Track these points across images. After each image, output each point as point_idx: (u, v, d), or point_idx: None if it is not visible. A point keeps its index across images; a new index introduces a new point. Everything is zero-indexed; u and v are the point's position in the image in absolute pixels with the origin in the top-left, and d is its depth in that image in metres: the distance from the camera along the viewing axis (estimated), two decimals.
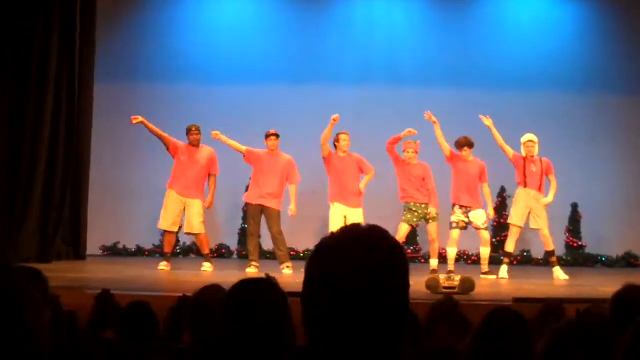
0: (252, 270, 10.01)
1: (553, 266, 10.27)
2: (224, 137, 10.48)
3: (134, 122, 10.48)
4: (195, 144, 10.45)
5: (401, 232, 10.22)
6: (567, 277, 10.02)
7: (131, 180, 12.86)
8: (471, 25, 13.18)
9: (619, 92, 12.94)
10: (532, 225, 10.37)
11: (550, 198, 10.35)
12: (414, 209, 10.33)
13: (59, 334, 3.67)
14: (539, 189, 10.30)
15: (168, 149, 10.55)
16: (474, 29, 13.16)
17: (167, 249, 10.56)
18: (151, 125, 10.51)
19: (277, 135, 10.46)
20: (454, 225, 10.34)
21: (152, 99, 13.00)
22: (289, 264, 10.23)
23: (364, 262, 1.42)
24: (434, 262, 10.33)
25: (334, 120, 10.21)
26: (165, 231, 10.58)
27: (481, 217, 10.33)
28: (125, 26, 13.06)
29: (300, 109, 12.83)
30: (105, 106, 12.41)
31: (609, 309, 3.53)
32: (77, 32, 11.46)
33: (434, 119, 10.36)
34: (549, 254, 10.40)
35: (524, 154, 10.31)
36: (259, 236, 10.85)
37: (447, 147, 10.38)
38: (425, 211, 10.34)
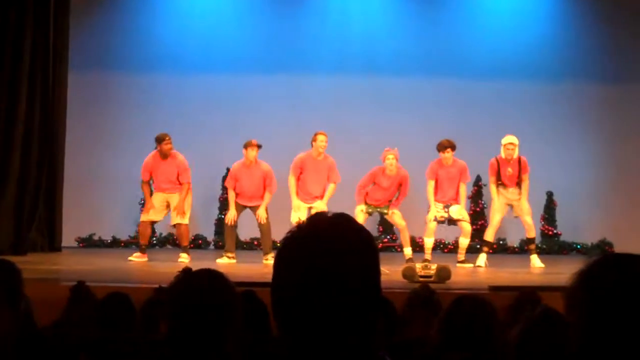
0: (226, 261, 10.06)
1: (531, 253, 10.33)
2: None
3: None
4: (167, 154, 10.28)
5: (359, 219, 10.12)
6: (542, 265, 10.09)
7: (106, 170, 12.78)
8: (447, 15, 13.19)
9: (593, 80, 13.02)
10: (516, 214, 10.42)
11: (524, 201, 10.34)
12: (372, 205, 10.34)
13: (30, 326, 3.64)
14: (516, 186, 10.33)
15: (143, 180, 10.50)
16: (450, 18, 13.18)
17: (142, 240, 10.48)
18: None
19: (259, 146, 10.37)
20: (432, 219, 10.31)
21: (127, 88, 12.92)
22: (273, 254, 10.26)
23: (331, 250, 1.42)
24: (408, 251, 10.32)
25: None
26: (142, 221, 10.50)
27: (461, 211, 10.35)
28: (99, 15, 12.95)
29: (276, 98, 12.80)
30: (80, 96, 12.32)
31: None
32: (51, 21, 11.35)
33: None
34: (529, 241, 10.45)
35: (502, 156, 10.22)
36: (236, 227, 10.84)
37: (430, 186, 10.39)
38: (383, 210, 10.36)
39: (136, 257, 10.21)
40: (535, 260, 10.18)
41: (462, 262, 10.29)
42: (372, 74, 12.87)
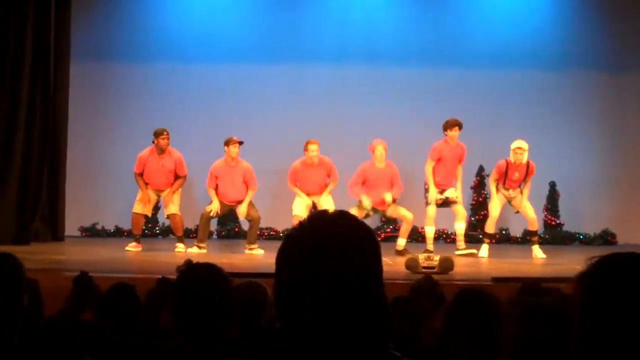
0: (196, 251, 10.02)
1: (533, 244, 10.32)
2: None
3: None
4: (164, 149, 10.28)
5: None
6: (544, 255, 10.08)
7: (109, 160, 12.78)
8: (449, 4, 13.16)
9: (596, 69, 12.98)
10: (516, 209, 10.40)
11: (526, 201, 10.30)
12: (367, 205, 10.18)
13: (36, 318, 3.65)
14: (518, 187, 10.32)
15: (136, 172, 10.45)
16: (452, 7, 13.14)
17: (136, 230, 10.45)
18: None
19: (241, 143, 10.34)
20: (433, 201, 10.25)
21: (129, 79, 12.92)
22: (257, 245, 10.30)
23: (332, 247, 1.42)
24: (401, 242, 10.22)
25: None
26: (134, 213, 10.44)
27: (456, 192, 10.29)
28: (100, 6, 12.92)
29: (277, 88, 12.79)
30: (82, 85, 12.32)
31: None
32: (52, 12, 11.33)
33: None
34: (532, 233, 10.43)
35: (512, 160, 10.11)
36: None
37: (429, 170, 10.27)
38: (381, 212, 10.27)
39: (133, 247, 10.22)
40: (538, 251, 10.18)
41: (462, 249, 10.23)
42: (372, 64, 12.84)
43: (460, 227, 10.39)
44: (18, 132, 10.88)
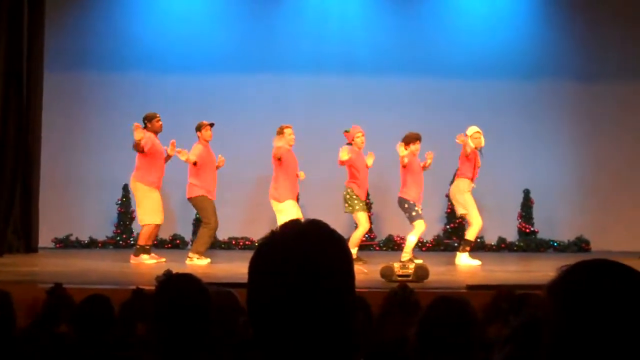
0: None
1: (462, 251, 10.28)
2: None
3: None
4: (158, 132, 10.06)
5: (366, 221, 9.98)
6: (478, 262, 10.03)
7: (83, 171, 12.72)
8: (425, 14, 13.25)
9: (569, 78, 13.11)
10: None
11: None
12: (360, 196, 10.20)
13: (9, 330, 3.62)
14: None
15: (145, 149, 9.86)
16: (428, 17, 13.23)
17: (150, 241, 10.13)
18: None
19: (212, 125, 10.19)
20: (420, 216, 10.17)
21: (104, 89, 12.87)
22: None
23: (303, 257, 1.43)
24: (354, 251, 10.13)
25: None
26: (157, 225, 10.02)
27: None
28: (74, 15, 12.88)
29: (255, 97, 12.80)
30: (56, 96, 12.25)
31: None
32: (25, 18, 11.26)
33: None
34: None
35: (472, 145, 10.12)
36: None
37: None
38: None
39: (154, 259, 9.94)
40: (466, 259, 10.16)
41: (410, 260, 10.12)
42: (349, 73, 12.89)
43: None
44: None
